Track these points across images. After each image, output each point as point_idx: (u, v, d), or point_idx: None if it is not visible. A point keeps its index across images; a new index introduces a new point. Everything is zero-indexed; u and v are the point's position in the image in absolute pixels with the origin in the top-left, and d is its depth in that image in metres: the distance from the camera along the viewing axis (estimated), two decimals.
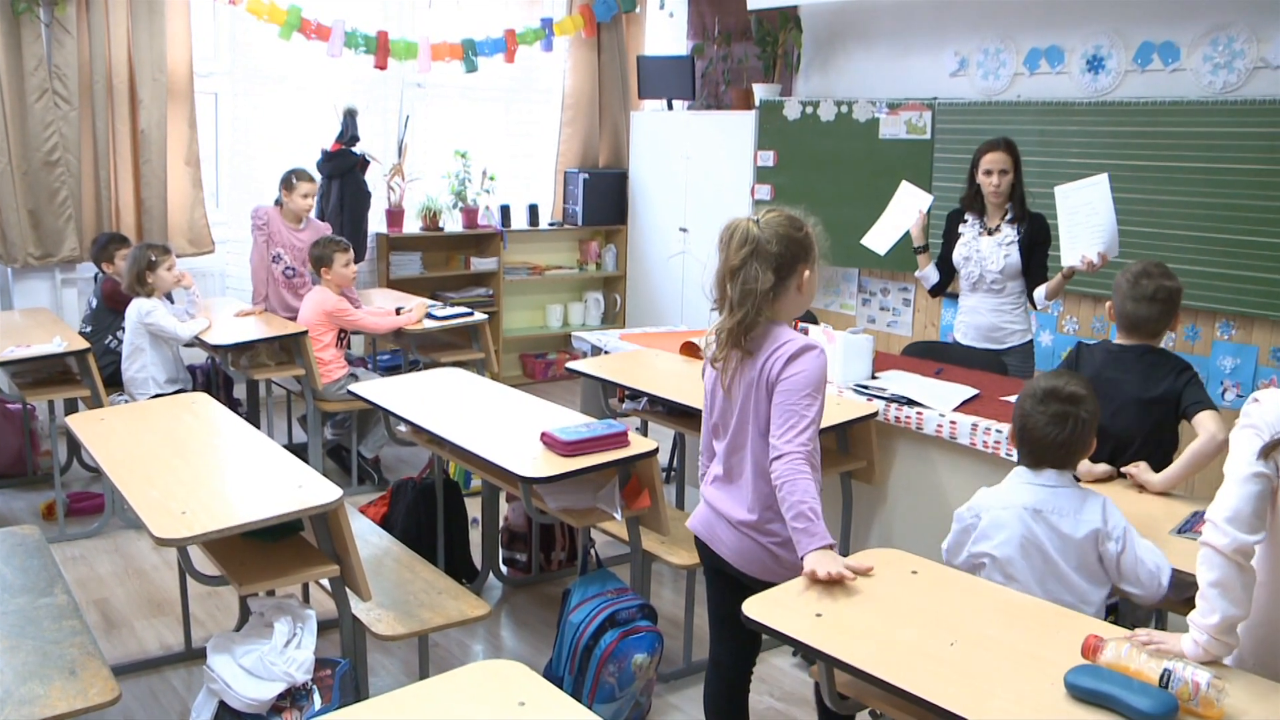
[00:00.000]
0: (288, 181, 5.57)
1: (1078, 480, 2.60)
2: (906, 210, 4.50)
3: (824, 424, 2.62)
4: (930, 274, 4.47)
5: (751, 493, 2.52)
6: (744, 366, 2.50)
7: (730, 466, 2.60)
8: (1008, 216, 4.20)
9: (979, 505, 2.50)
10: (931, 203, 4.49)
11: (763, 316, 2.45)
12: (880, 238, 4.53)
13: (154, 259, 4.91)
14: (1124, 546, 2.39)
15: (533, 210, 7.67)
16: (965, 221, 4.35)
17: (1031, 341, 4.34)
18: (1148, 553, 2.41)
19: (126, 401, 4.85)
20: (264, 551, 2.92)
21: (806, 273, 2.49)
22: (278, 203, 5.66)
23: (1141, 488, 2.95)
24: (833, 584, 2.26)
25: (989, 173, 4.18)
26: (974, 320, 4.39)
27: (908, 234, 4.45)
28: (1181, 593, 2.66)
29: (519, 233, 7.59)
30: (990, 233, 4.24)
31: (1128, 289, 3.03)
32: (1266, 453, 1.93)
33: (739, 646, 2.67)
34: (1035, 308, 4.27)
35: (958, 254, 4.36)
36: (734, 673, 2.74)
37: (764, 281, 2.42)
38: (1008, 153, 4.17)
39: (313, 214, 5.74)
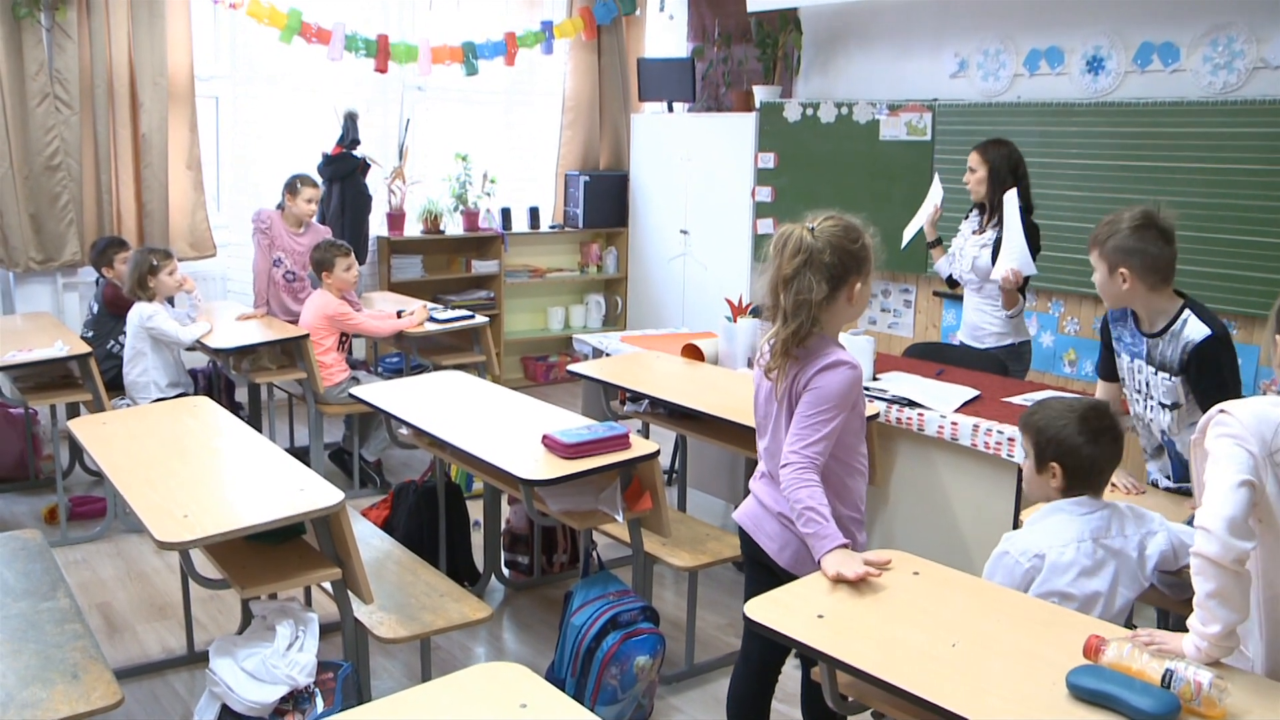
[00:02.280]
0: (292, 186, 5.58)
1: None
2: (928, 206, 4.57)
3: None
4: (942, 267, 4.54)
5: None
6: (787, 373, 2.52)
7: (773, 467, 2.62)
8: (994, 219, 4.25)
9: (1033, 547, 2.40)
10: (942, 197, 4.54)
11: (817, 327, 2.46)
12: (908, 232, 4.61)
13: (155, 263, 4.91)
14: (1165, 528, 2.46)
15: (533, 213, 7.68)
16: (967, 219, 4.42)
17: (1021, 344, 4.35)
18: (1177, 526, 2.50)
19: (128, 405, 4.85)
20: (266, 555, 2.92)
21: (858, 285, 2.48)
22: (279, 206, 5.66)
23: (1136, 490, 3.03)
24: (849, 583, 2.27)
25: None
26: (964, 316, 4.50)
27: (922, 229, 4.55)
28: (1181, 593, 2.66)
29: (520, 235, 7.60)
30: (981, 232, 4.30)
31: None
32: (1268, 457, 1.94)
33: (771, 641, 2.65)
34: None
35: (951, 249, 4.50)
36: (764, 668, 2.74)
37: (818, 292, 2.41)
38: (978, 152, 4.27)
39: (314, 219, 5.75)
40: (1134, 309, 2.95)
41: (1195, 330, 2.82)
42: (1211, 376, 2.80)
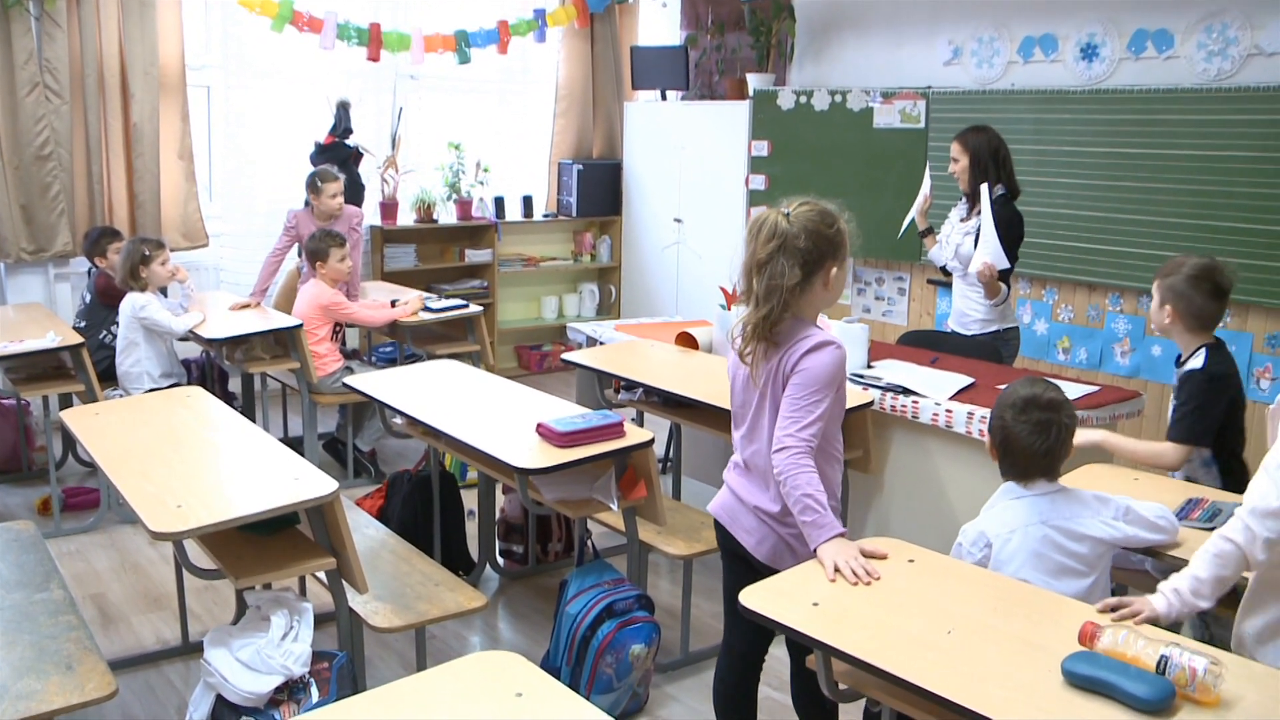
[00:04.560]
0: (313, 185, 5.55)
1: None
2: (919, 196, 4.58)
3: None
4: (936, 255, 4.57)
5: (775, 484, 2.49)
6: (767, 357, 2.48)
7: (748, 456, 2.59)
8: (977, 206, 4.27)
9: (982, 535, 2.42)
10: (931, 186, 4.54)
11: (789, 312, 2.43)
12: (905, 222, 4.62)
13: (148, 253, 4.89)
14: (1129, 512, 2.44)
15: (527, 202, 7.66)
16: (957, 206, 4.45)
17: (1008, 330, 4.36)
18: (1145, 507, 2.48)
19: (121, 396, 4.84)
20: (260, 545, 2.92)
21: (834, 270, 2.46)
22: (307, 203, 5.65)
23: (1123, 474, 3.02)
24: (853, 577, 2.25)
25: None
26: (952, 304, 4.53)
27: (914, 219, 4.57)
28: None
29: (513, 224, 7.58)
30: (967, 219, 4.35)
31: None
32: None
33: (753, 631, 2.62)
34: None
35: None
36: (747, 658, 2.73)
37: (791, 277, 2.39)
38: (958, 141, 4.29)
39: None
40: (1174, 340, 3.15)
41: (1194, 362, 3.02)
42: (1185, 401, 3.01)
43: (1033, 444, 2.40)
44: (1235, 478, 3.00)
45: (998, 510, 2.46)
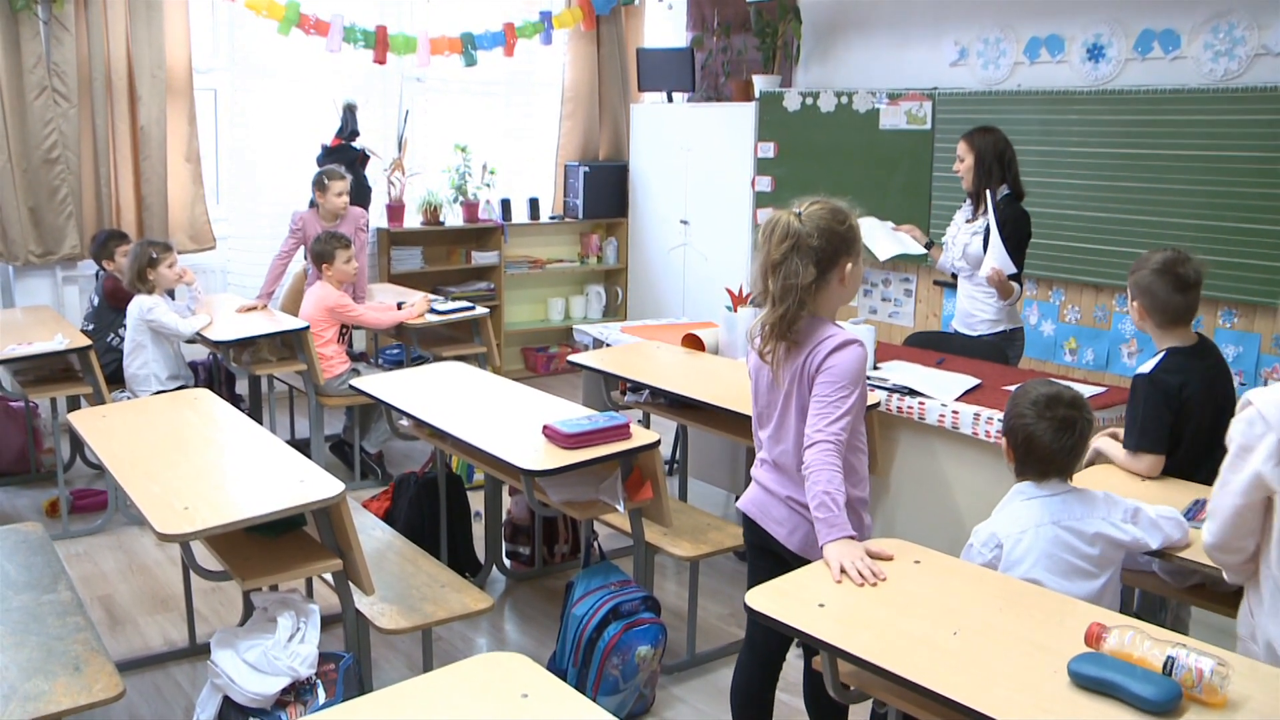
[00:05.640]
0: (319, 183, 5.56)
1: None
2: (883, 237, 4.49)
3: None
4: (945, 264, 4.56)
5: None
6: (789, 358, 2.51)
7: (776, 455, 2.62)
8: (982, 207, 4.27)
9: (994, 536, 2.42)
10: (892, 226, 4.49)
11: (805, 310, 2.46)
12: (882, 247, 4.52)
13: (155, 256, 4.90)
14: (1138, 514, 2.44)
15: (533, 204, 7.67)
16: (961, 209, 4.45)
17: (1014, 330, 4.36)
18: (1155, 510, 2.49)
19: (128, 398, 4.85)
20: (267, 546, 2.92)
21: (849, 266, 2.49)
22: (312, 204, 5.66)
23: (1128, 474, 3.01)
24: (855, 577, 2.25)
25: None
26: (957, 304, 4.52)
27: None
28: (1184, 580, 2.67)
29: (520, 226, 7.59)
30: (973, 220, 4.35)
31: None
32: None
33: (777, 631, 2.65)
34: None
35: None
36: (768, 658, 2.74)
37: (805, 276, 2.42)
38: (964, 141, 4.28)
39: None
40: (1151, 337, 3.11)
41: (1146, 366, 3.00)
42: (1131, 408, 3.00)
43: (1056, 442, 2.41)
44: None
45: (1009, 511, 2.46)
